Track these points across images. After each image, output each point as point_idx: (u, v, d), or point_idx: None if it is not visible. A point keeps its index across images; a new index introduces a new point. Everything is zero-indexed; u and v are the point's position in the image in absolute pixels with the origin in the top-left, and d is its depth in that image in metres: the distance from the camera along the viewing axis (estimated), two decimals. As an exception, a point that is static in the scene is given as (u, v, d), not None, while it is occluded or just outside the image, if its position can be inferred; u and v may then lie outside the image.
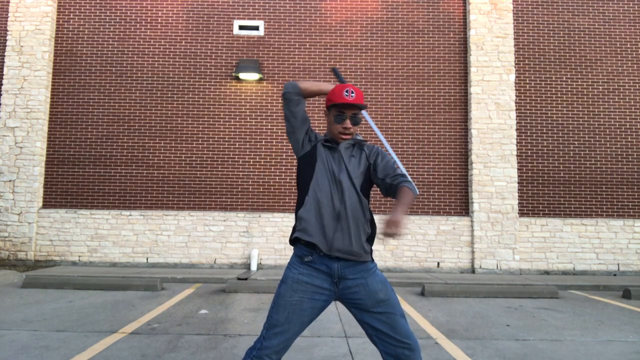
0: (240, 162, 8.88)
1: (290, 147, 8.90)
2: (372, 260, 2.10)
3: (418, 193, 2.18)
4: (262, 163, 8.88)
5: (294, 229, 2.12)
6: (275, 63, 9.06)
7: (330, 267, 2.00)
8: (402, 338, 1.96)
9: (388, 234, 1.86)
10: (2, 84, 8.84)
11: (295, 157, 8.82)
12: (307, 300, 1.97)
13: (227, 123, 8.95)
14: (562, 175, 8.90)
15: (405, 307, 5.59)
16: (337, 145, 2.13)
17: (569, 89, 9.07)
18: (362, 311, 2.02)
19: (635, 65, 9.13)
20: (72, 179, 8.84)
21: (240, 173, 8.85)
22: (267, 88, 9.01)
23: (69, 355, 3.52)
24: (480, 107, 8.79)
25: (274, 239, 8.60)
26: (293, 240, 2.12)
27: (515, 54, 9.05)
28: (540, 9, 9.22)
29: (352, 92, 2.07)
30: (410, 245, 8.61)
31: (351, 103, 2.06)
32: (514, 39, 9.07)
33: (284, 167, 8.86)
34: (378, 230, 2.02)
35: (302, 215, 2.06)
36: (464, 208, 8.82)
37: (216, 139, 8.91)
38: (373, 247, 2.10)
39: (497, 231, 8.55)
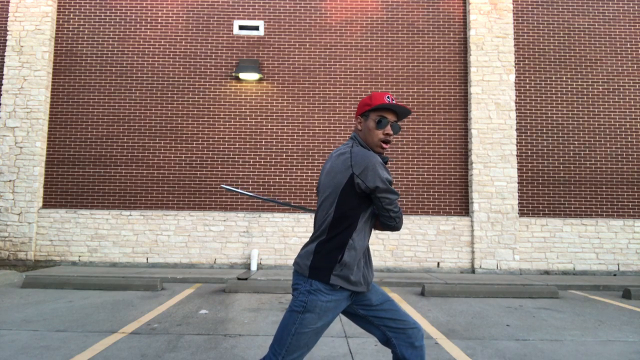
0: (240, 162, 8.88)
1: (289, 147, 8.91)
2: None
3: None
4: (262, 163, 8.88)
5: (330, 270, 1.89)
6: (275, 63, 9.06)
7: None
8: (406, 319, 2.04)
9: None
10: (2, 84, 8.84)
11: (295, 156, 8.83)
12: (327, 323, 1.95)
13: (227, 123, 8.95)
14: (562, 175, 8.90)
15: (405, 307, 5.59)
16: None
17: (569, 89, 9.07)
18: (368, 307, 2.05)
19: (635, 65, 9.13)
20: (72, 179, 8.84)
21: (240, 173, 8.85)
22: (267, 88, 9.01)
23: (69, 355, 3.52)
24: (480, 107, 8.79)
25: (274, 239, 8.60)
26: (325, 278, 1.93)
27: (515, 54, 9.05)
28: (540, 9, 9.22)
29: (393, 100, 1.98)
30: (410, 245, 8.60)
31: (394, 107, 1.96)
32: (514, 39, 9.07)
33: (284, 167, 8.86)
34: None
35: (347, 261, 1.90)
36: (464, 208, 8.81)
37: (216, 139, 8.92)
38: (373, 247, 2.10)
39: (497, 231, 8.55)
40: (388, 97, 1.97)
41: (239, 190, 2.54)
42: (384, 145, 1.99)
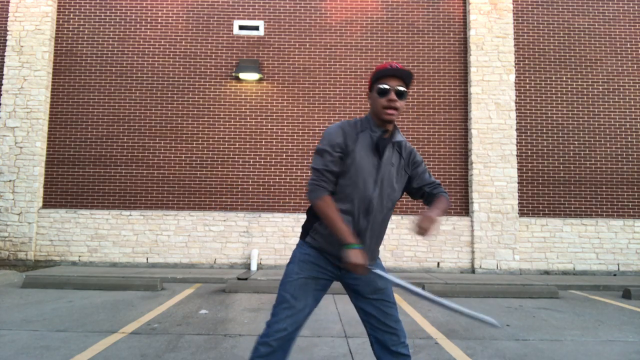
0: (240, 162, 8.88)
1: (289, 147, 8.90)
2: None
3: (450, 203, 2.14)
4: (262, 163, 8.88)
5: (308, 231, 2.08)
6: (275, 63, 9.06)
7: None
8: (391, 324, 2.04)
9: (422, 229, 1.90)
10: (2, 84, 8.84)
11: (295, 156, 8.83)
12: (311, 280, 2.01)
13: (227, 123, 8.95)
14: (562, 175, 8.90)
15: (405, 307, 5.59)
16: (381, 146, 1.99)
17: (569, 89, 9.07)
18: (358, 296, 2.08)
19: (635, 65, 9.13)
20: (72, 179, 8.84)
21: (240, 173, 8.85)
22: (267, 88, 9.01)
23: (69, 355, 3.52)
24: (480, 107, 8.79)
25: (274, 239, 8.60)
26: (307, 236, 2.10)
27: (515, 54, 9.05)
28: (540, 9, 9.22)
29: (396, 65, 1.97)
30: (410, 245, 8.61)
31: (395, 70, 1.94)
32: (514, 39, 9.07)
33: (284, 167, 8.86)
34: (411, 225, 2.06)
35: (319, 229, 2.03)
36: (464, 208, 8.81)
37: (216, 139, 8.91)
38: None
39: (497, 231, 8.55)
40: (390, 65, 1.96)
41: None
42: (389, 111, 1.96)
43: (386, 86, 1.95)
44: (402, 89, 1.97)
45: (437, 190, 2.15)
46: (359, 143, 1.99)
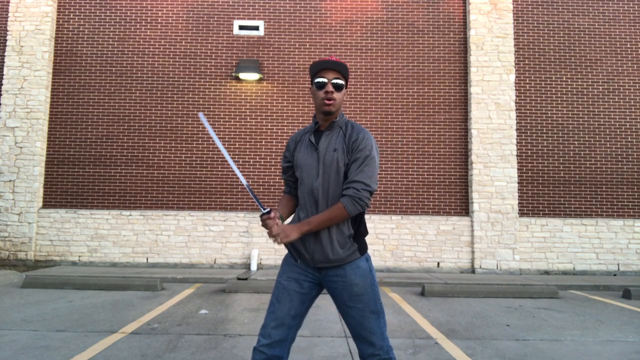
0: (240, 162, 8.88)
1: (290, 147, 8.89)
2: (362, 254, 2.02)
3: (354, 212, 1.93)
4: (262, 163, 8.88)
5: None
6: (275, 63, 9.06)
7: None
8: (366, 334, 1.96)
9: (272, 237, 1.94)
10: (2, 84, 8.84)
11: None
12: (293, 281, 2.03)
13: (227, 123, 8.95)
14: (562, 175, 8.90)
15: (405, 307, 5.59)
16: (315, 137, 2.06)
17: (569, 89, 9.08)
18: (337, 301, 2.04)
19: (635, 65, 9.13)
20: (72, 179, 8.84)
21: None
22: (267, 88, 9.01)
23: (69, 355, 3.52)
24: (480, 107, 8.79)
25: (274, 239, 8.58)
26: None
27: (515, 54, 9.05)
28: (540, 9, 9.22)
29: (331, 59, 2.01)
30: (410, 245, 8.61)
31: (328, 63, 1.98)
32: (514, 39, 9.07)
33: (284, 167, 8.85)
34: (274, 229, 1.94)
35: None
36: (464, 208, 8.81)
37: (216, 139, 8.90)
38: (373, 247, 2.08)
39: (497, 231, 8.55)
40: (325, 60, 2.01)
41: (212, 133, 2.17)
42: (327, 102, 2.00)
43: (323, 79, 2.00)
44: (339, 81, 2.01)
45: (345, 192, 1.94)
46: (301, 143, 2.11)
